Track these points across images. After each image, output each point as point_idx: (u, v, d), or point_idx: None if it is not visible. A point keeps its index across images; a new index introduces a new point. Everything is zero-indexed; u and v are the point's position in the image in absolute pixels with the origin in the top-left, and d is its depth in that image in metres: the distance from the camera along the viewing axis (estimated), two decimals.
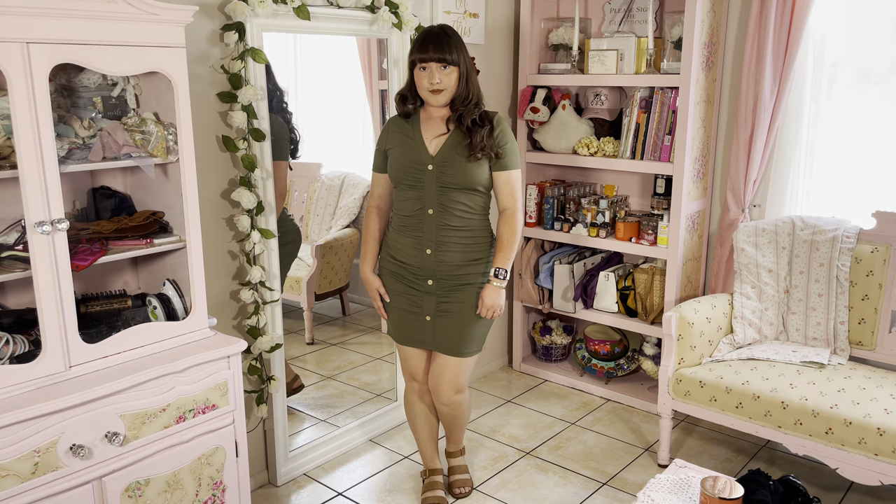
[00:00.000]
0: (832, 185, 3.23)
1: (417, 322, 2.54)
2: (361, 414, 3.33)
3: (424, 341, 2.56)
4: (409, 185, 2.43)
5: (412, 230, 2.46)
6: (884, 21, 3.02)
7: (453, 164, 2.38)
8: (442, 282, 2.47)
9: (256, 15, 2.47)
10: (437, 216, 2.41)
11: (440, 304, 2.49)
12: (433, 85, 2.34)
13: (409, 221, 2.46)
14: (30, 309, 2.04)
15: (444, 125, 2.44)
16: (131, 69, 1.94)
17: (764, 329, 3.11)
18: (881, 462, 2.45)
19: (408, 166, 2.41)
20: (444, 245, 2.43)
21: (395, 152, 2.46)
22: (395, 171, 2.46)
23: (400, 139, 2.46)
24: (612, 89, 3.59)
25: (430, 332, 2.53)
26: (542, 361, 4.04)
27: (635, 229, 3.47)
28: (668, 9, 3.38)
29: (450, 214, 2.42)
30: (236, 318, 2.72)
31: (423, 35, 2.36)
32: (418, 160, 2.40)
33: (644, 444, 3.23)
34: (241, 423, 2.25)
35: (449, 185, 2.39)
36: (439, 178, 2.39)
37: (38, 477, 1.80)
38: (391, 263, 2.55)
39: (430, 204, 2.41)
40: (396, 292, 2.56)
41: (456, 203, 2.41)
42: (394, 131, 2.49)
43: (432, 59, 2.32)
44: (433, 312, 2.50)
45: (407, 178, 2.42)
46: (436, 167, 2.39)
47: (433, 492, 2.77)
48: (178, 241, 2.17)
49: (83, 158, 1.98)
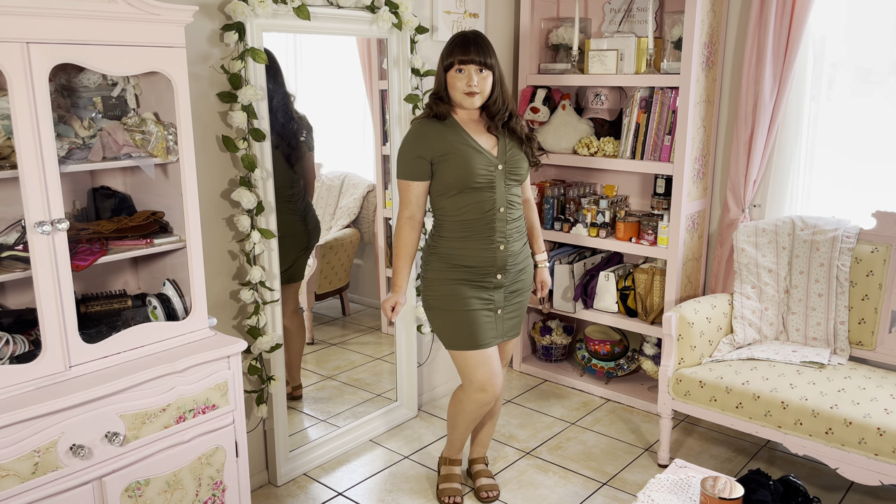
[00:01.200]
0: (832, 185, 3.23)
1: (490, 319, 2.56)
2: (361, 414, 3.33)
3: (497, 335, 2.60)
4: (480, 188, 2.43)
5: (481, 232, 2.46)
6: (884, 21, 3.02)
7: (519, 163, 2.52)
8: (509, 272, 2.55)
9: (256, 15, 2.47)
10: (505, 212, 2.49)
11: (509, 294, 2.59)
12: (470, 87, 2.37)
13: (476, 224, 2.46)
14: (30, 309, 2.04)
15: (486, 130, 2.50)
16: (131, 69, 1.94)
17: (764, 329, 3.11)
18: (881, 462, 2.45)
19: (479, 169, 2.42)
20: (510, 237, 2.52)
21: (456, 157, 2.41)
22: (464, 176, 2.41)
23: (452, 144, 2.42)
24: (612, 89, 3.59)
25: (501, 323, 2.60)
26: (542, 361, 4.04)
27: (635, 229, 3.47)
28: (668, 9, 3.38)
29: (513, 208, 2.53)
30: (236, 318, 2.72)
31: (457, 39, 2.40)
32: (488, 162, 2.44)
33: (644, 444, 3.23)
34: (241, 423, 2.25)
35: (513, 181, 2.51)
36: (508, 176, 2.49)
37: (38, 477, 1.80)
38: (454, 271, 2.50)
39: (501, 203, 2.47)
40: (467, 296, 2.50)
41: (514, 197, 2.54)
42: (436, 137, 2.43)
43: (474, 61, 2.36)
44: (503, 304, 2.57)
45: (480, 180, 2.43)
46: (505, 167, 2.48)
47: (451, 483, 2.80)
48: (178, 241, 2.17)
49: (83, 158, 1.98)
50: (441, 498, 2.77)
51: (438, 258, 2.52)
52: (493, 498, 2.81)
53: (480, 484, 2.84)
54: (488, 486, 2.82)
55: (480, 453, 2.93)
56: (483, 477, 2.87)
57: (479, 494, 2.81)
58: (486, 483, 2.84)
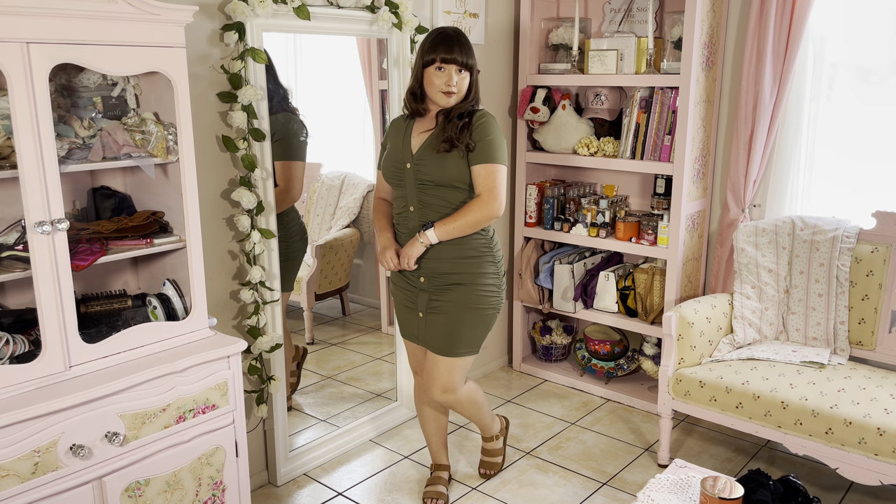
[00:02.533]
0: (832, 185, 3.23)
1: (413, 318, 2.59)
2: (361, 414, 3.33)
3: (419, 337, 2.60)
4: (395, 184, 2.48)
5: (402, 227, 2.50)
6: (883, 21, 3.02)
7: (428, 160, 2.37)
8: (433, 280, 2.47)
9: (256, 15, 2.47)
10: (418, 213, 2.42)
11: (431, 302, 2.50)
12: (449, 87, 2.35)
13: (399, 219, 2.51)
14: (30, 309, 2.04)
15: (432, 122, 2.45)
16: (131, 69, 1.94)
17: (764, 329, 3.11)
18: (881, 462, 2.45)
19: (392, 166, 2.46)
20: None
21: (388, 152, 2.52)
22: (384, 171, 2.53)
23: (394, 138, 2.50)
24: (612, 89, 3.59)
25: (423, 328, 2.56)
26: (542, 361, 4.04)
27: (635, 229, 3.47)
28: (668, 9, 3.38)
29: (431, 211, 2.41)
30: (236, 318, 2.72)
31: (441, 36, 2.36)
32: (400, 159, 2.44)
33: (644, 444, 3.23)
34: (241, 423, 2.25)
35: (426, 181, 2.39)
36: (416, 176, 2.40)
37: (38, 477, 1.80)
38: None
39: (412, 202, 2.44)
40: (397, 286, 2.62)
41: (437, 200, 2.40)
42: (393, 130, 2.53)
43: (456, 61, 2.34)
44: (425, 310, 2.53)
45: (391, 178, 2.48)
46: (413, 165, 2.41)
47: (434, 486, 2.80)
48: (178, 241, 2.17)
49: (83, 158, 1.98)
50: (424, 500, 2.79)
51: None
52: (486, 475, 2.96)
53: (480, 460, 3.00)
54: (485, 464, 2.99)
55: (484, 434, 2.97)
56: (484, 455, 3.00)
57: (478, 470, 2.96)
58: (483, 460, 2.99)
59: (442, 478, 2.83)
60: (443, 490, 2.78)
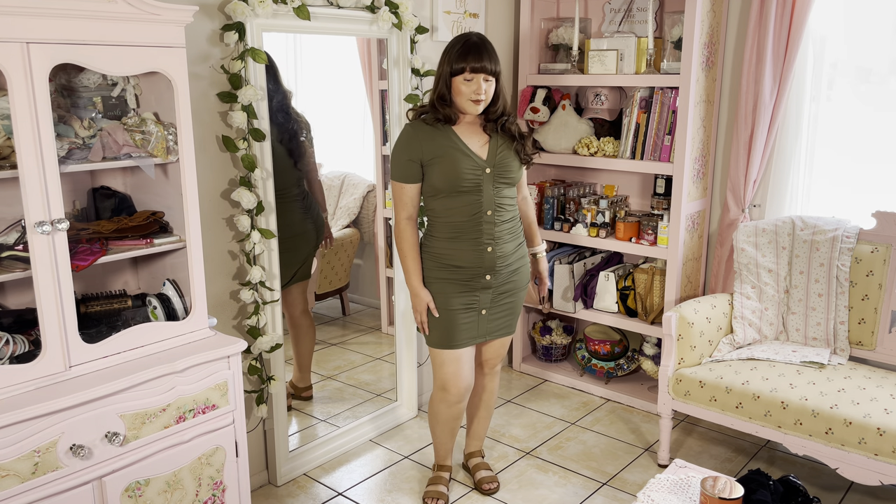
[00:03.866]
0: (832, 185, 3.23)
1: (472, 319, 2.57)
2: (361, 414, 3.33)
3: (478, 335, 2.61)
4: (467, 191, 2.44)
5: (469, 233, 2.47)
6: (883, 21, 3.02)
7: (509, 165, 2.49)
8: (499, 274, 2.54)
9: (256, 15, 2.47)
10: (493, 215, 2.48)
11: (498, 295, 2.58)
12: (478, 95, 2.37)
13: (465, 226, 2.47)
14: (30, 309, 2.04)
15: (480, 130, 2.49)
16: (131, 69, 1.94)
17: (764, 329, 3.11)
18: (881, 462, 2.45)
19: (465, 172, 2.42)
20: (499, 239, 2.51)
21: (444, 161, 2.41)
22: (451, 179, 2.42)
23: (441, 147, 2.42)
24: (612, 89, 3.59)
25: (486, 323, 2.60)
26: (542, 361, 4.04)
27: (635, 229, 3.47)
28: (668, 9, 3.38)
29: (503, 211, 2.51)
30: (236, 318, 2.72)
31: (468, 44, 2.37)
32: (475, 165, 2.43)
33: (644, 444, 3.23)
34: (241, 423, 2.25)
35: (502, 183, 2.49)
36: (497, 180, 2.47)
37: (38, 477, 1.80)
38: (444, 270, 2.51)
39: (489, 206, 2.46)
40: (450, 295, 2.53)
41: (505, 199, 2.52)
42: (426, 140, 2.43)
43: (486, 69, 2.36)
44: (489, 304, 2.57)
45: (466, 184, 2.43)
46: (493, 170, 2.46)
47: (436, 486, 2.79)
48: (178, 241, 2.17)
49: (83, 158, 1.98)
50: (424, 499, 2.78)
51: (430, 257, 2.54)
52: (495, 489, 2.84)
53: (480, 477, 2.87)
54: (488, 479, 2.86)
55: (476, 447, 2.96)
56: (482, 470, 2.90)
57: (480, 487, 2.85)
58: (486, 475, 2.87)
59: (444, 478, 2.83)
60: (444, 490, 2.79)
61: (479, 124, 2.50)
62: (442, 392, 2.64)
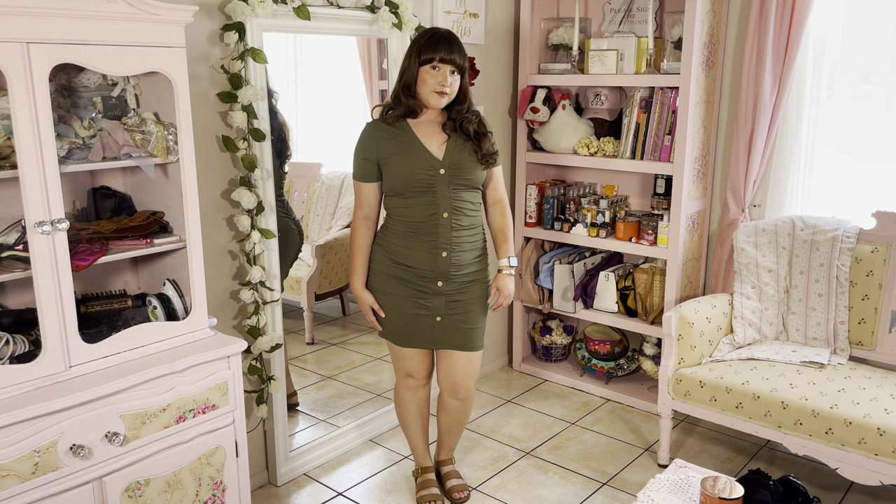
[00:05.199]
0: (832, 185, 3.23)
1: (424, 324, 2.53)
2: (361, 414, 3.33)
3: (433, 342, 2.56)
4: (421, 191, 2.41)
5: (424, 235, 2.44)
6: (883, 21, 3.02)
7: (465, 167, 2.43)
8: (453, 282, 2.48)
9: (256, 15, 2.47)
10: (450, 219, 2.43)
11: (451, 304, 2.51)
12: (443, 87, 2.35)
13: (420, 227, 2.43)
14: (30, 309, 2.04)
15: (440, 129, 2.45)
16: (131, 69, 1.94)
17: (764, 329, 3.11)
18: (881, 462, 2.45)
19: (418, 172, 2.39)
20: (457, 246, 2.46)
21: (398, 160, 2.40)
22: (403, 179, 2.41)
23: (397, 146, 2.41)
24: (612, 89, 3.59)
25: (441, 331, 2.53)
26: (542, 361, 4.04)
27: (635, 229, 3.48)
28: (668, 9, 3.38)
29: (461, 215, 2.45)
30: (236, 318, 2.72)
31: (436, 36, 2.36)
32: (428, 165, 2.40)
33: (644, 444, 3.23)
34: (241, 423, 2.25)
35: (460, 186, 2.43)
36: (451, 182, 2.42)
37: (38, 477, 1.80)
38: (393, 268, 2.50)
39: (444, 208, 2.42)
40: (399, 296, 2.52)
41: (464, 203, 2.45)
42: (383, 139, 2.42)
43: (454, 62, 2.35)
44: (443, 312, 2.51)
45: (418, 185, 2.40)
46: (448, 171, 2.41)
47: (428, 489, 2.77)
48: (178, 241, 2.17)
49: (83, 158, 1.98)
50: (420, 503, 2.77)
51: (384, 251, 2.52)
52: (465, 498, 2.80)
53: (451, 485, 2.82)
54: (459, 487, 2.81)
55: (447, 455, 2.89)
56: (453, 478, 2.84)
57: (451, 496, 2.80)
58: (457, 484, 2.82)
59: (431, 479, 2.81)
60: (436, 491, 2.77)
61: (439, 123, 2.46)
62: (408, 378, 2.68)
